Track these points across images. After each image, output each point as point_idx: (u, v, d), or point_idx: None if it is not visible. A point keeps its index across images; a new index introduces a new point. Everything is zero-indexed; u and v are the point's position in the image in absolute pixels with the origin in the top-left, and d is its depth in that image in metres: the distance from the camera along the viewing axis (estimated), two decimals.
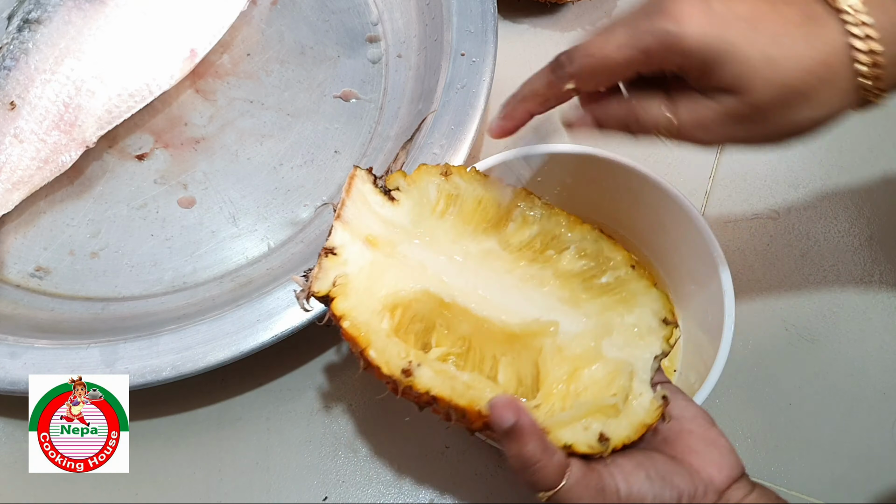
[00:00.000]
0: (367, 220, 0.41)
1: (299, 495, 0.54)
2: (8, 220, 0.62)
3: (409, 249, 0.42)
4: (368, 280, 0.40)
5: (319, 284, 0.39)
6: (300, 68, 0.68)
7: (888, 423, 0.56)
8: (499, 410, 0.36)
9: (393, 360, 0.38)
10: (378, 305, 0.39)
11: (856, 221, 0.64)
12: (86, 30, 0.62)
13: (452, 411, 0.38)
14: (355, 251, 0.40)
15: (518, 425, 0.35)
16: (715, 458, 0.38)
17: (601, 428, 0.38)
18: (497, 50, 0.62)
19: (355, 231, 0.41)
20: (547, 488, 0.36)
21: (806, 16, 0.35)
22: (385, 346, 0.38)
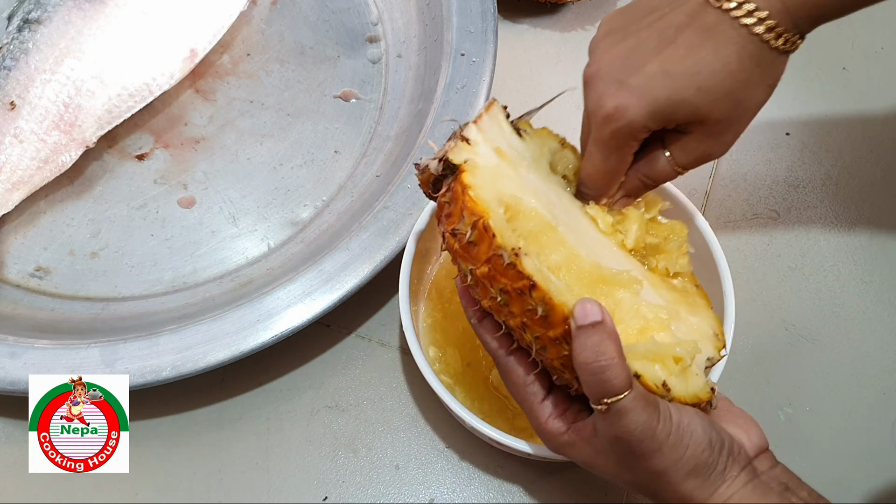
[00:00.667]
0: (497, 135, 0.43)
1: (299, 495, 0.54)
2: (8, 220, 0.62)
3: (528, 174, 0.43)
4: (493, 177, 0.41)
5: (455, 155, 0.41)
6: (300, 68, 0.68)
7: (888, 423, 0.56)
8: (587, 306, 0.37)
9: (507, 235, 0.39)
10: (498, 198, 0.41)
11: (856, 221, 0.64)
12: (86, 30, 0.62)
13: (542, 306, 0.38)
14: (485, 150, 0.42)
15: (604, 322, 0.37)
16: (743, 427, 0.41)
17: (665, 377, 0.39)
18: (497, 50, 0.62)
19: (487, 138, 0.43)
20: (615, 392, 0.37)
21: (702, 32, 0.39)
22: (501, 224, 0.39)
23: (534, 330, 0.39)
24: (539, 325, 0.39)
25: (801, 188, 0.65)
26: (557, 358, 0.39)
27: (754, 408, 0.56)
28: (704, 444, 0.38)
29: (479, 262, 0.40)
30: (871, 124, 0.68)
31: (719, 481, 0.38)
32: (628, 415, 0.37)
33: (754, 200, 0.64)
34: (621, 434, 0.38)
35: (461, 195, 0.40)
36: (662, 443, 0.37)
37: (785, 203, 0.64)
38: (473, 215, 0.39)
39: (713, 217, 0.63)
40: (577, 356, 0.37)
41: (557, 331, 0.38)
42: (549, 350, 0.40)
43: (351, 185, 0.63)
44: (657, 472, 0.38)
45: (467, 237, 0.39)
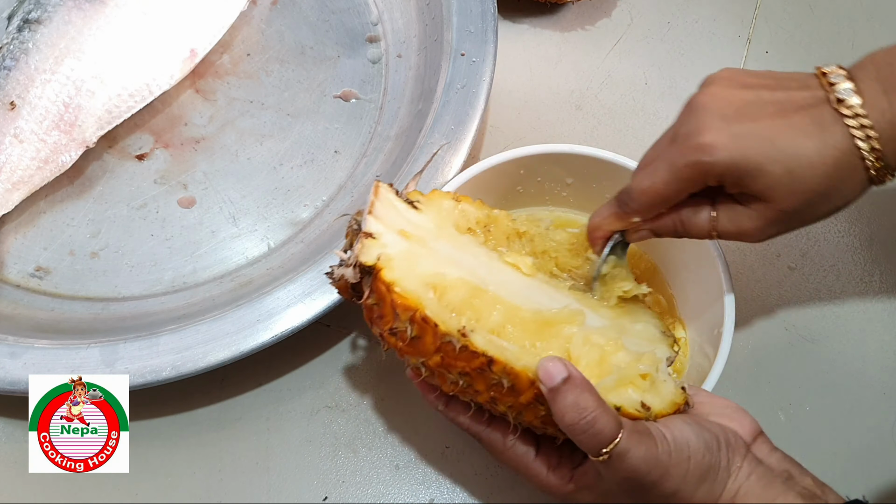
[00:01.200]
0: (396, 218, 0.43)
1: (299, 495, 0.54)
2: (8, 220, 0.62)
3: (438, 246, 0.43)
4: (407, 262, 0.41)
5: (366, 256, 0.40)
6: (300, 68, 0.68)
7: (888, 423, 0.56)
8: (549, 366, 0.37)
9: (448, 319, 0.39)
10: (423, 283, 0.40)
11: (856, 221, 0.64)
12: (86, 30, 0.62)
13: (505, 377, 0.38)
14: (391, 239, 0.42)
15: (571, 377, 0.37)
16: (732, 416, 0.42)
17: (641, 398, 0.40)
18: (497, 50, 0.62)
19: (388, 224, 0.42)
20: (609, 439, 0.37)
21: (816, 124, 0.40)
22: (439, 310, 0.39)
23: (504, 401, 0.39)
24: (508, 396, 0.39)
25: None
26: (536, 419, 0.40)
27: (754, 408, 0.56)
28: (702, 448, 0.38)
29: (429, 354, 0.39)
30: None
31: (725, 477, 0.39)
32: (629, 454, 0.37)
33: None
34: (628, 475, 0.38)
35: (387, 294, 0.39)
36: (667, 465, 0.38)
37: None
38: (407, 311, 0.39)
39: None
40: (562, 419, 0.37)
41: (528, 395, 0.38)
42: (525, 414, 0.40)
43: (351, 185, 0.63)
44: (669, 494, 0.38)
45: (409, 333, 0.39)
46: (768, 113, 0.40)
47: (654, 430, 0.38)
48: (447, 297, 0.40)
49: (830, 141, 0.39)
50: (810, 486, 0.40)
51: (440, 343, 0.38)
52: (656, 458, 0.37)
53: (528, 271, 0.45)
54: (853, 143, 0.39)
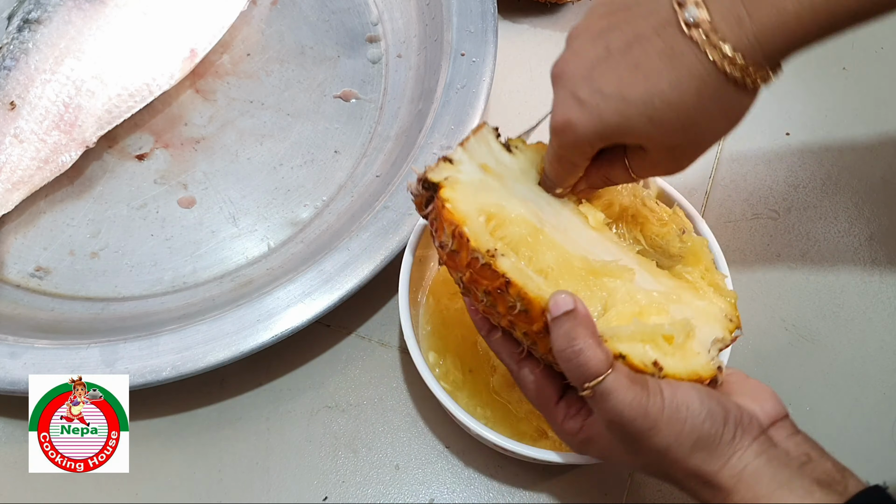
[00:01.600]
0: (484, 153, 0.46)
1: (299, 495, 0.54)
2: (8, 220, 0.62)
3: (514, 185, 0.45)
4: (475, 190, 0.43)
5: (434, 174, 0.43)
6: (300, 68, 0.68)
7: (888, 423, 0.56)
8: (559, 297, 0.38)
9: (483, 238, 0.41)
10: (478, 208, 0.42)
11: (856, 221, 0.64)
12: (86, 30, 0.62)
13: (519, 302, 0.39)
14: (469, 168, 0.44)
15: (576, 310, 0.38)
16: (756, 397, 0.41)
17: (657, 356, 0.40)
18: (497, 50, 0.62)
19: (473, 157, 0.45)
20: (593, 374, 0.37)
21: (667, 57, 0.37)
22: (478, 229, 0.41)
23: (520, 326, 0.41)
24: (522, 321, 0.40)
25: (801, 188, 0.65)
26: (547, 352, 0.40)
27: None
28: (703, 415, 0.38)
29: (462, 269, 0.41)
30: (871, 124, 0.68)
31: (728, 452, 0.38)
32: (612, 395, 0.37)
33: (754, 200, 0.64)
34: (612, 417, 0.38)
35: (441, 209, 0.42)
36: (657, 419, 0.37)
37: (785, 203, 0.64)
38: (451, 225, 0.41)
39: (713, 217, 0.63)
40: (554, 346, 0.38)
41: (539, 324, 0.39)
42: (539, 345, 0.41)
43: (351, 185, 0.63)
44: (660, 451, 0.38)
45: (449, 247, 0.41)
46: (616, 63, 0.39)
47: (651, 383, 0.38)
48: (504, 229, 0.42)
49: (684, 71, 0.37)
50: (829, 471, 0.39)
51: (470, 259, 0.40)
52: (644, 408, 0.37)
53: (595, 224, 0.46)
54: (713, 66, 0.36)
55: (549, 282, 0.41)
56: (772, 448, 0.39)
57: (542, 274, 0.42)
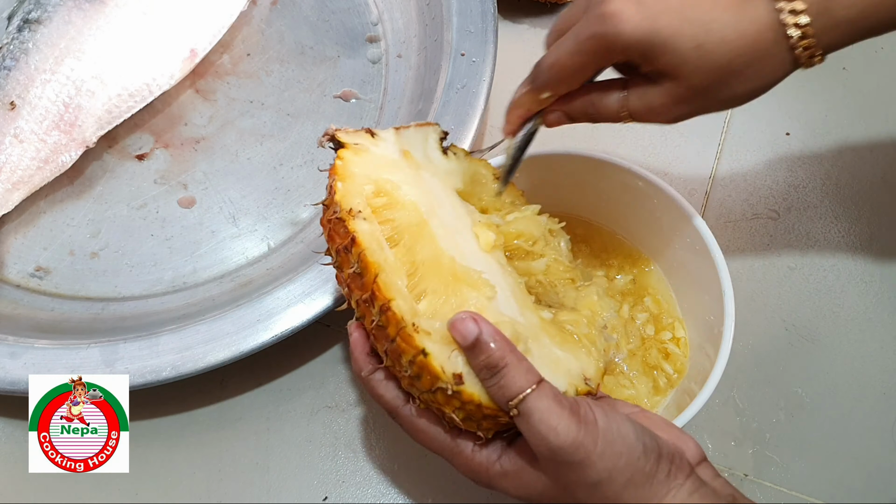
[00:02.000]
0: (415, 145, 0.45)
1: (299, 495, 0.54)
2: (8, 220, 0.62)
3: (428, 178, 0.44)
4: (380, 165, 0.42)
5: (346, 136, 0.43)
6: (300, 68, 0.68)
7: (888, 423, 0.56)
8: (458, 325, 0.36)
9: (352, 199, 0.40)
10: (373, 179, 0.42)
11: (856, 221, 0.64)
12: (86, 30, 0.62)
13: (357, 263, 0.39)
14: (389, 148, 0.44)
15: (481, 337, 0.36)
16: (679, 437, 0.39)
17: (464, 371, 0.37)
18: (497, 50, 0.62)
19: (400, 141, 0.44)
20: (517, 390, 0.35)
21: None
22: (353, 190, 0.41)
23: (354, 293, 0.40)
24: (356, 286, 0.39)
25: (801, 188, 0.65)
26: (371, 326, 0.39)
27: (754, 408, 0.57)
28: (639, 450, 0.36)
29: (325, 225, 0.42)
30: (871, 124, 0.68)
31: (663, 491, 0.36)
32: (535, 416, 0.35)
33: (754, 200, 0.64)
34: (537, 442, 0.35)
35: (333, 166, 0.42)
36: (590, 451, 0.35)
37: (785, 203, 0.64)
38: (331, 178, 0.41)
39: (713, 217, 0.63)
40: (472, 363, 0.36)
41: (367, 292, 0.38)
42: (365, 318, 0.39)
43: None
44: (592, 485, 0.35)
45: (322, 201, 0.42)
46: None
47: (583, 408, 0.36)
48: (393, 210, 0.41)
49: (751, 14, 0.36)
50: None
51: (332, 213, 0.41)
52: (575, 439, 0.35)
53: (483, 246, 0.44)
54: (777, 17, 0.36)
55: (415, 275, 0.40)
56: (704, 486, 0.37)
57: (412, 265, 0.40)
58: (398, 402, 0.40)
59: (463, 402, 0.37)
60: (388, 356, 0.39)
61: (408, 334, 0.37)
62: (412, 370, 0.38)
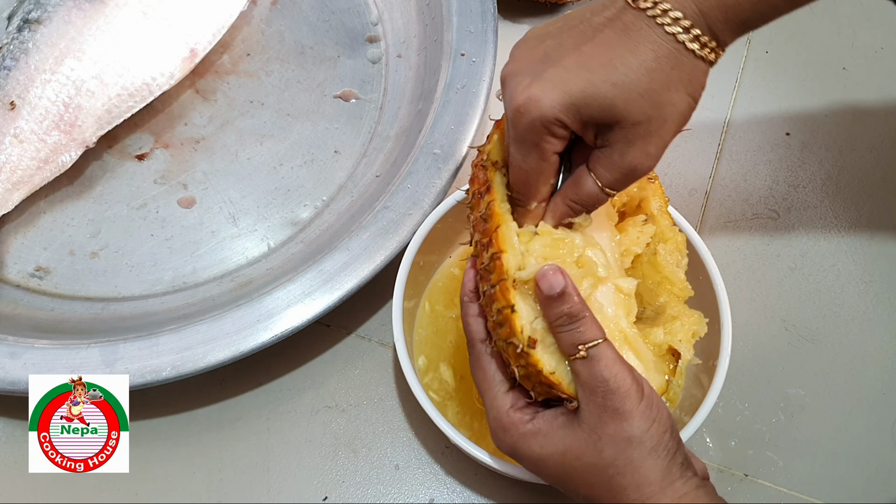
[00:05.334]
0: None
1: (299, 495, 0.54)
2: (8, 220, 0.62)
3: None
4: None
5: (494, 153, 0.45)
6: (300, 68, 0.68)
7: (888, 423, 0.56)
8: (549, 276, 0.40)
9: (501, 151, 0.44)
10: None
11: (856, 221, 0.64)
12: (86, 30, 0.62)
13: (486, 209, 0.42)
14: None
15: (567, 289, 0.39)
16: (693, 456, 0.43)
17: None
18: (497, 50, 0.62)
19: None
20: (591, 338, 0.39)
21: (621, 31, 0.39)
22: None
23: (476, 233, 0.43)
24: (479, 230, 0.43)
25: (801, 188, 0.65)
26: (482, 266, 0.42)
27: (754, 408, 0.57)
28: (668, 425, 0.39)
29: (473, 165, 0.45)
30: (872, 124, 0.68)
31: (677, 475, 0.39)
32: (603, 361, 0.39)
33: (754, 200, 0.64)
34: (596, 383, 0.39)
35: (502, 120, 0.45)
36: (635, 405, 0.38)
37: (785, 203, 0.64)
38: (495, 129, 0.45)
39: (713, 217, 0.63)
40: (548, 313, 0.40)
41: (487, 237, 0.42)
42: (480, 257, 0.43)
43: (351, 185, 0.63)
44: (625, 440, 0.38)
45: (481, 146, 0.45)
46: (570, 47, 0.39)
47: (636, 373, 0.40)
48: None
49: (639, 38, 0.38)
50: None
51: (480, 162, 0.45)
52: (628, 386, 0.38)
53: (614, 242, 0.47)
54: (663, 30, 0.38)
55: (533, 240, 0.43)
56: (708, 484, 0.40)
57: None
58: (478, 335, 0.44)
59: (528, 363, 0.40)
60: (484, 296, 0.43)
61: (506, 287, 0.40)
62: (498, 318, 0.41)
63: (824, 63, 0.71)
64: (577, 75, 0.39)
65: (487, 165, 0.44)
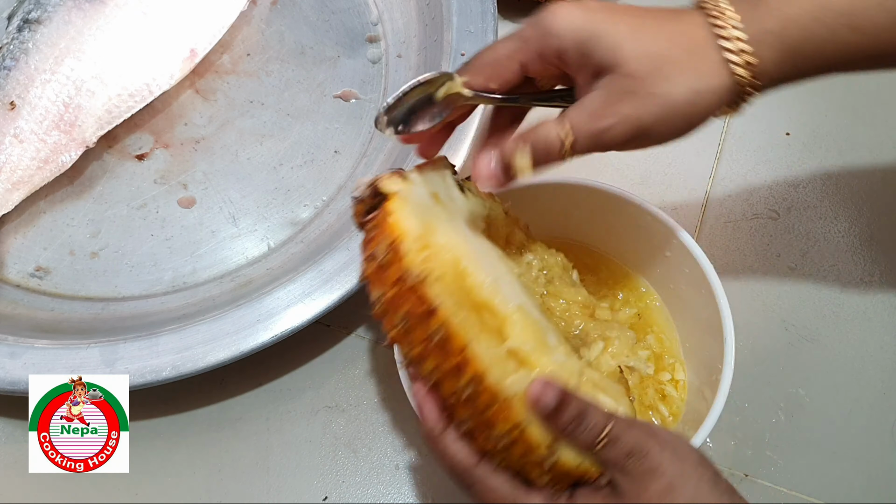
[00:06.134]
0: (438, 185, 0.43)
1: (299, 495, 0.54)
2: (8, 220, 0.62)
3: (460, 222, 0.43)
4: (421, 212, 0.40)
5: (388, 184, 0.40)
6: (300, 68, 0.68)
7: (888, 423, 0.56)
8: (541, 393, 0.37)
9: (416, 260, 0.38)
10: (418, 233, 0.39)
11: (856, 221, 0.64)
12: (86, 30, 0.62)
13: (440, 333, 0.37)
14: (421, 191, 0.41)
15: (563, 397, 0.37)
16: None
17: None
18: None
19: (427, 183, 0.42)
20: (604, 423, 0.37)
21: (672, 11, 0.39)
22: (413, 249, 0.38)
23: (432, 359, 0.38)
24: (437, 354, 0.38)
25: (801, 188, 0.65)
26: (452, 394, 0.38)
27: (754, 408, 0.57)
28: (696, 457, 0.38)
29: (388, 286, 0.39)
30: (872, 124, 0.68)
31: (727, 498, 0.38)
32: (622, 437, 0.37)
33: (754, 200, 0.64)
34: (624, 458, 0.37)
35: (384, 220, 0.39)
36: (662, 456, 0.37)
37: (785, 203, 0.64)
38: (390, 238, 0.38)
39: (713, 217, 0.63)
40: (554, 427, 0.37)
41: (453, 362, 0.37)
42: (444, 385, 0.39)
43: (351, 185, 0.63)
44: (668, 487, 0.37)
45: (380, 260, 0.39)
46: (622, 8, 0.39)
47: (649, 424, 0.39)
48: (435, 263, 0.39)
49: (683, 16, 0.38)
50: None
51: (399, 276, 0.38)
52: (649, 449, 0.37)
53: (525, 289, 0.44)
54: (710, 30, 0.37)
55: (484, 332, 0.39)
56: None
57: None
58: (471, 461, 0.40)
59: (555, 469, 0.38)
60: (470, 423, 0.39)
61: (505, 407, 0.37)
62: (505, 440, 0.38)
63: None
64: (606, 13, 0.38)
65: (417, 284, 0.37)
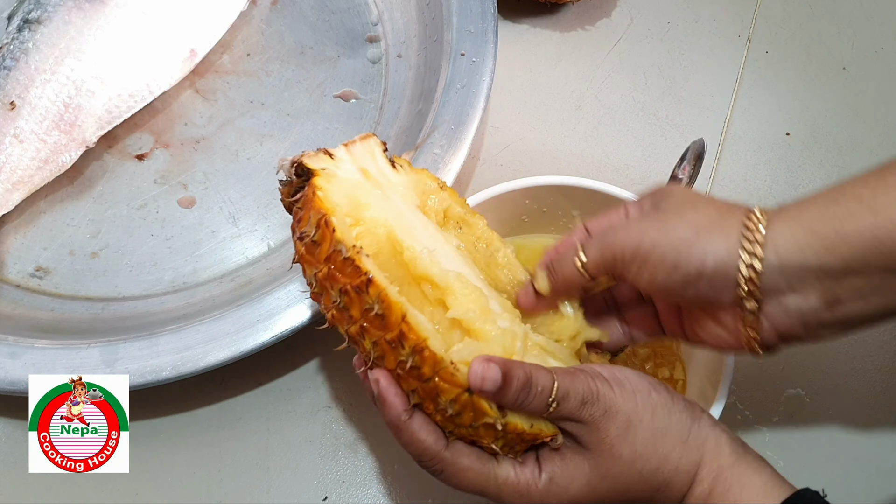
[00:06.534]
0: (367, 160, 0.43)
1: (299, 495, 0.54)
2: (8, 220, 0.62)
3: (392, 196, 0.43)
4: (349, 188, 0.41)
5: (311, 161, 0.41)
6: (300, 68, 0.68)
7: (888, 423, 0.56)
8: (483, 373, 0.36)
9: (346, 232, 0.38)
10: (348, 209, 0.40)
11: None
12: (86, 30, 0.62)
13: (378, 304, 0.37)
14: (349, 168, 0.42)
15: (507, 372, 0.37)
16: None
17: None
18: (497, 50, 0.62)
19: (355, 159, 0.43)
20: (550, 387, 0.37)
21: (719, 216, 0.40)
22: (344, 223, 0.38)
23: (372, 333, 0.38)
24: (377, 327, 0.38)
25: (801, 188, 0.65)
26: (396, 366, 0.38)
27: (754, 408, 0.57)
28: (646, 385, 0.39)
29: (320, 263, 0.38)
30: (872, 124, 0.68)
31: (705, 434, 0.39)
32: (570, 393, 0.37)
33: (754, 200, 0.64)
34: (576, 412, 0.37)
35: (311, 197, 0.39)
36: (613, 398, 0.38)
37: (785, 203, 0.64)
38: (319, 214, 0.38)
39: None
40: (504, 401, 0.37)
41: (394, 332, 0.37)
42: (386, 358, 0.38)
43: None
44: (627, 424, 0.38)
45: (310, 237, 0.39)
46: None
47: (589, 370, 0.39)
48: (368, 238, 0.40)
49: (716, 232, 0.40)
50: None
51: (332, 251, 0.38)
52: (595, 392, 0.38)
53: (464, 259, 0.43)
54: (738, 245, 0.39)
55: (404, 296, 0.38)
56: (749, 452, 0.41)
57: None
58: (441, 444, 0.39)
59: (507, 432, 0.38)
60: (417, 394, 0.38)
61: (449, 374, 0.37)
62: (453, 408, 0.37)
63: (824, 63, 0.71)
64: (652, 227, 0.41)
65: (352, 256, 0.37)
